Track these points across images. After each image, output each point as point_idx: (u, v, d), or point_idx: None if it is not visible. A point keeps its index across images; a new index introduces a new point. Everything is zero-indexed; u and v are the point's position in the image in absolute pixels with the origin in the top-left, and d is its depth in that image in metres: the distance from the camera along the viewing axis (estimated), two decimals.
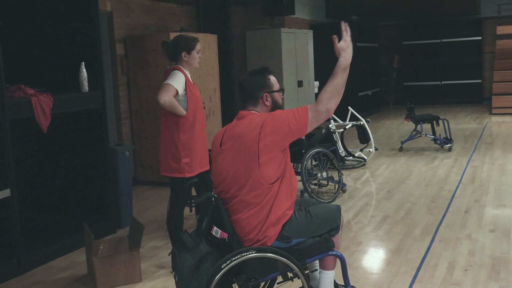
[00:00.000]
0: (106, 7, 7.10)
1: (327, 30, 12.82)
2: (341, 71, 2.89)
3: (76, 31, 5.32)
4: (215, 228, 2.92)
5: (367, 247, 4.76)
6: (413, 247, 4.66)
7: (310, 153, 6.17)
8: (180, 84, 4.09)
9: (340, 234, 3.23)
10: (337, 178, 6.46)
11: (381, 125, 12.56)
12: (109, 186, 5.39)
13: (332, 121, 7.67)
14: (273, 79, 3.11)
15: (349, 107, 8.20)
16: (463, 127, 11.51)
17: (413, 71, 16.35)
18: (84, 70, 5.09)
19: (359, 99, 13.14)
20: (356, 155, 8.24)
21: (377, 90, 15.10)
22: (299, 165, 6.18)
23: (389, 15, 15.79)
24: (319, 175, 6.32)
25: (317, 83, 11.65)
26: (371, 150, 8.19)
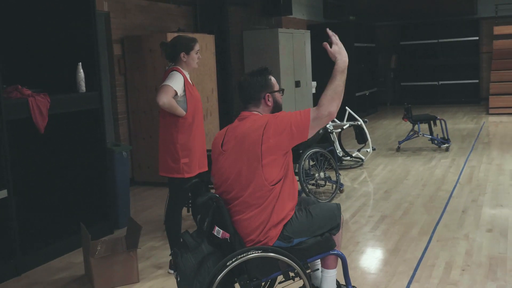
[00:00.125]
0: (103, 7, 7.09)
1: (325, 31, 12.83)
2: (339, 73, 2.89)
3: (73, 32, 5.32)
4: (216, 228, 2.92)
5: (365, 247, 4.76)
6: (410, 247, 4.67)
7: (308, 153, 6.17)
8: (179, 85, 4.09)
9: (341, 233, 3.25)
10: (334, 178, 6.47)
11: (379, 125, 12.57)
12: (107, 187, 5.39)
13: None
14: (273, 79, 3.12)
15: (347, 107, 8.21)
16: (461, 127, 11.53)
17: (411, 71, 16.36)
18: (81, 70, 5.09)
19: (357, 99, 13.15)
20: (353, 155, 8.25)
21: (374, 90, 15.11)
22: (297, 165, 6.18)
23: (386, 15, 15.81)
24: (316, 175, 6.32)
25: (314, 84, 11.64)
26: (368, 150, 8.19)
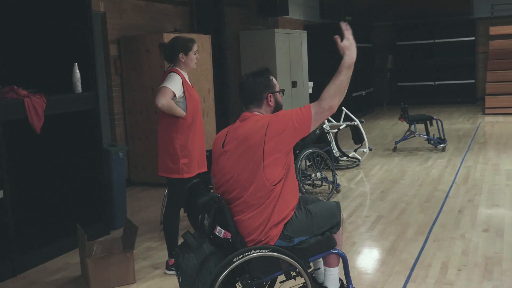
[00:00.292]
0: (100, 7, 7.08)
1: (321, 31, 12.85)
2: (345, 69, 2.89)
3: (69, 32, 5.31)
4: (218, 228, 2.93)
5: (361, 247, 4.76)
6: (407, 247, 4.68)
7: (304, 154, 6.17)
8: (177, 87, 4.10)
9: (341, 231, 3.25)
10: (331, 179, 6.47)
11: (375, 125, 12.58)
12: (103, 187, 5.38)
13: (326, 121, 7.68)
14: (274, 79, 3.13)
15: (343, 108, 8.20)
16: (457, 127, 11.55)
17: (407, 71, 16.38)
18: (78, 71, 5.07)
19: (353, 99, 13.15)
20: (350, 155, 8.25)
21: (371, 91, 15.12)
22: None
23: (383, 15, 15.83)
24: (313, 175, 6.33)
25: (311, 84, 11.65)
26: (365, 150, 8.20)
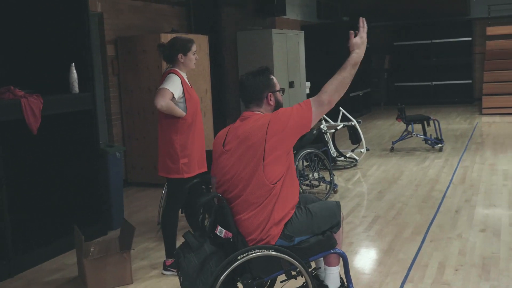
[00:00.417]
0: (97, 8, 7.07)
1: (319, 31, 12.86)
2: (350, 66, 2.90)
3: (66, 32, 5.30)
4: (219, 227, 2.93)
5: (359, 248, 4.77)
6: (404, 247, 4.68)
7: (302, 154, 6.17)
8: (176, 88, 4.10)
9: (341, 231, 3.25)
10: (328, 179, 6.48)
11: (372, 125, 12.59)
12: (100, 188, 5.37)
13: (323, 121, 7.68)
14: (275, 79, 3.14)
15: (341, 108, 8.21)
16: (454, 127, 11.56)
17: (404, 71, 16.41)
18: (75, 71, 5.07)
19: (351, 99, 13.15)
20: (347, 155, 8.26)
21: (368, 91, 15.13)
22: None
23: (380, 16, 15.83)
24: (310, 175, 6.33)
25: (308, 84, 11.65)
26: (362, 150, 8.21)
